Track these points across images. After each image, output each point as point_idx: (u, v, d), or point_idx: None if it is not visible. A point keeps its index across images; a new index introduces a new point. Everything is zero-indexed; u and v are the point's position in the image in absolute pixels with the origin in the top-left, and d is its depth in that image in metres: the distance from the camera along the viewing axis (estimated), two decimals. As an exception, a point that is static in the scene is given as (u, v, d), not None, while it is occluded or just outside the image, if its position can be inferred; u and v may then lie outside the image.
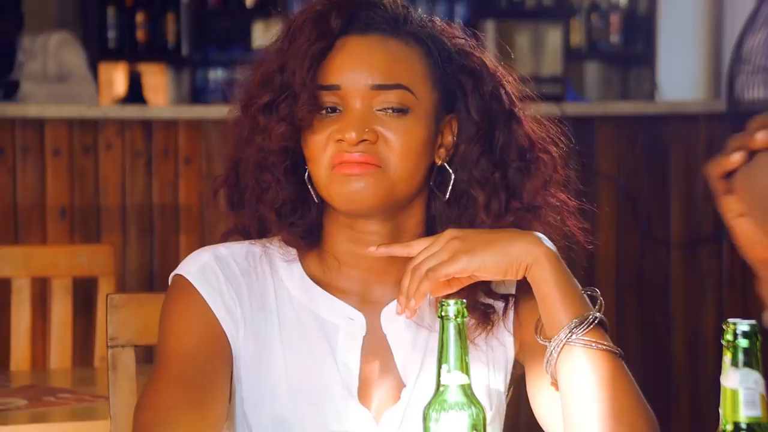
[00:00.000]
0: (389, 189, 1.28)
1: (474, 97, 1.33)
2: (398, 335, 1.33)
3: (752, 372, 0.94)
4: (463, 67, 1.34)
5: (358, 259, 1.33)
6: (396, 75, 1.29)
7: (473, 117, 1.33)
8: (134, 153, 3.53)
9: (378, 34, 1.31)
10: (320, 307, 1.33)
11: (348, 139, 1.26)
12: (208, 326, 1.30)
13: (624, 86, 5.92)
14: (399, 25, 1.32)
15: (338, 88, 1.29)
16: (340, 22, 1.31)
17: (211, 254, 1.33)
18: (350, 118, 1.28)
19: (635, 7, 5.81)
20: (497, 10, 5.69)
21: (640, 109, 3.95)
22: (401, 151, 1.28)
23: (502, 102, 1.35)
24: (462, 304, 1.08)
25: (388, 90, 1.29)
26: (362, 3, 1.33)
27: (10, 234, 3.44)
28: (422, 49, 1.32)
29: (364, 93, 1.29)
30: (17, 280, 2.50)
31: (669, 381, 3.77)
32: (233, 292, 1.32)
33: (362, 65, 1.29)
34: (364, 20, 1.32)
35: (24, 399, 2.13)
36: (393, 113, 1.28)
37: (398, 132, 1.28)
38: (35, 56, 3.83)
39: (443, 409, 1.07)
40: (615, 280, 3.76)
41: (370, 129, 1.27)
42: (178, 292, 1.32)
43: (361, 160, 1.27)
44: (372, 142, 1.27)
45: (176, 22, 5.49)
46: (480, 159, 1.32)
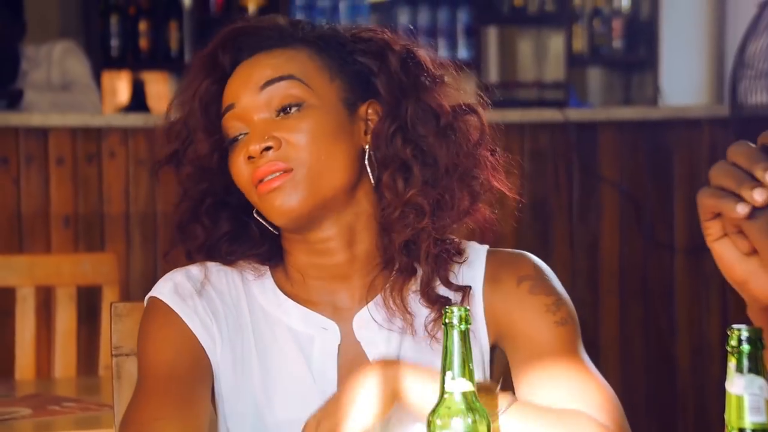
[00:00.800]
0: (312, 188, 1.29)
1: (381, 77, 1.35)
2: (372, 340, 1.34)
3: (757, 378, 0.93)
4: (363, 51, 1.35)
5: (319, 269, 1.34)
6: (283, 69, 1.32)
7: (382, 95, 1.34)
8: (138, 161, 3.53)
9: (263, 52, 1.35)
10: (293, 320, 1.34)
11: (253, 152, 1.29)
12: (186, 342, 1.32)
13: (627, 91, 5.92)
14: (284, 37, 1.35)
15: (233, 107, 1.32)
16: (228, 57, 1.36)
17: (183, 274, 1.36)
18: (252, 133, 1.31)
19: (637, 13, 5.81)
20: (499, 16, 5.69)
21: (643, 115, 3.95)
22: (306, 145, 1.29)
23: (409, 72, 1.35)
24: (466, 311, 1.07)
25: (278, 82, 1.31)
26: (246, 32, 1.36)
27: (14, 243, 3.44)
28: (312, 48, 1.34)
29: (256, 99, 1.31)
30: (21, 289, 2.50)
31: (674, 386, 3.76)
32: (208, 309, 1.33)
33: (251, 77, 1.33)
34: (250, 45, 1.35)
35: (28, 408, 2.13)
36: (290, 113, 1.30)
37: (299, 129, 1.30)
38: (39, 65, 3.83)
39: (447, 416, 1.06)
40: (619, 286, 3.75)
41: (270, 136, 1.29)
42: (154, 313, 1.34)
43: (271, 169, 1.28)
44: (276, 148, 1.29)
45: (179, 30, 5.49)
46: (394, 136, 1.33)
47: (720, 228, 1.01)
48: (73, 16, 5.52)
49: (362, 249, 1.34)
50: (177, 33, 5.49)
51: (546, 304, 1.33)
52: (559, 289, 1.35)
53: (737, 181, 0.95)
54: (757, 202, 0.93)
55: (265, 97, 1.31)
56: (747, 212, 0.94)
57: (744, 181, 0.94)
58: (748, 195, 0.93)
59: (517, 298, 1.34)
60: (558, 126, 3.72)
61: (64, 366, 2.50)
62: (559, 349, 1.31)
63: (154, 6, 5.49)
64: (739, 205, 0.94)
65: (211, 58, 1.37)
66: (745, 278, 1.01)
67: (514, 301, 1.34)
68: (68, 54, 3.88)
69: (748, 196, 0.93)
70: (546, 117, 3.75)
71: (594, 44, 5.78)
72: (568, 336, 1.32)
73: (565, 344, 1.31)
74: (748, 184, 0.94)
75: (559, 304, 1.34)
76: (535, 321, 1.32)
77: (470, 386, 1.07)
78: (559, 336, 1.31)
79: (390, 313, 1.33)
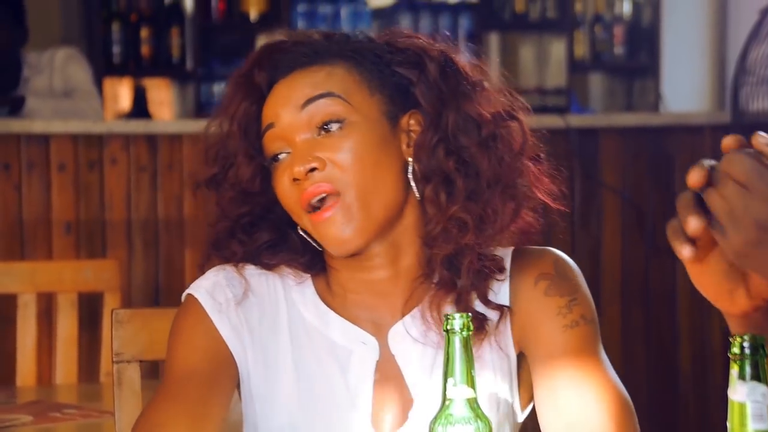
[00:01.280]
0: (365, 212, 1.27)
1: (421, 87, 1.32)
2: (407, 354, 1.32)
3: (759, 385, 0.93)
4: (401, 62, 1.33)
5: (363, 284, 1.33)
6: (322, 87, 1.30)
7: (423, 106, 1.32)
8: (139, 167, 3.53)
9: (300, 69, 1.32)
10: (333, 332, 1.32)
11: (298, 174, 1.27)
12: (212, 346, 1.30)
13: (628, 98, 5.92)
14: (320, 52, 1.33)
15: (273, 126, 1.30)
16: (264, 75, 1.33)
17: (223, 275, 1.34)
18: (294, 154, 1.29)
19: (639, 19, 5.82)
20: (501, 23, 5.69)
21: (644, 121, 3.95)
22: (352, 164, 1.27)
23: (449, 83, 1.33)
24: (467, 318, 1.07)
25: (318, 100, 1.29)
26: (280, 49, 1.34)
27: (15, 249, 3.44)
28: (349, 62, 1.32)
29: (297, 119, 1.29)
30: (23, 295, 2.50)
31: (676, 393, 3.76)
32: (242, 313, 1.32)
33: (290, 96, 1.30)
34: (287, 63, 1.33)
35: (29, 415, 2.12)
36: (331, 131, 1.28)
37: (342, 148, 1.27)
38: (42, 71, 3.83)
39: (449, 423, 1.06)
40: (620, 292, 3.75)
41: (314, 156, 1.27)
42: (187, 311, 1.33)
43: (317, 191, 1.26)
44: (321, 169, 1.27)
45: (180, 37, 5.50)
46: (437, 147, 1.30)
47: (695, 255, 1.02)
48: (75, 22, 5.52)
49: (406, 263, 1.32)
50: (179, 40, 5.50)
51: (559, 306, 1.31)
52: (576, 288, 1.33)
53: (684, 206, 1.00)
54: (690, 230, 0.98)
55: (306, 116, 1.29)
56: (689, 254, 0.99)
57: (686, 207, 0.99)
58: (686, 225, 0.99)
59: (534, 300, 1.32)
60: (559, 132, 3.72)
61: (66, 373, 2.50)
62: (571, 354, 1.29)
63: (156, 13, 5.49)
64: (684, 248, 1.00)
65: (247, 78, 1.34)
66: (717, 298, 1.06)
67: (531, 303, 1.32)
68: (70, 61, 3.88)
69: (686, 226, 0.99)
70: (547, 123, 3.75)
71: (595, 50, 5.78)
72: (581, 338, 1.30)
73: (578, 347, 1.29)
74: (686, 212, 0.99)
75: (573, 304, 1.31)
76: (547, 324, 1.30)
77: (472, 393, 1.06)
78: (571, 339, 1.29)
79: (426, 327, 1.31)
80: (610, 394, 1.28)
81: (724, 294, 1.05)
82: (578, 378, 1.28)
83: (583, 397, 1.27)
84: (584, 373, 1.28)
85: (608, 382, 1.29)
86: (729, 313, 1.07)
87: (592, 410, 1.26)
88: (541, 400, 1.29)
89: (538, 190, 1.35)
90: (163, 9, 5.51)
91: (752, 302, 1.05)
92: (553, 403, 1.28)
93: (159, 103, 5.74)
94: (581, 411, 1.26)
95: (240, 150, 1.33)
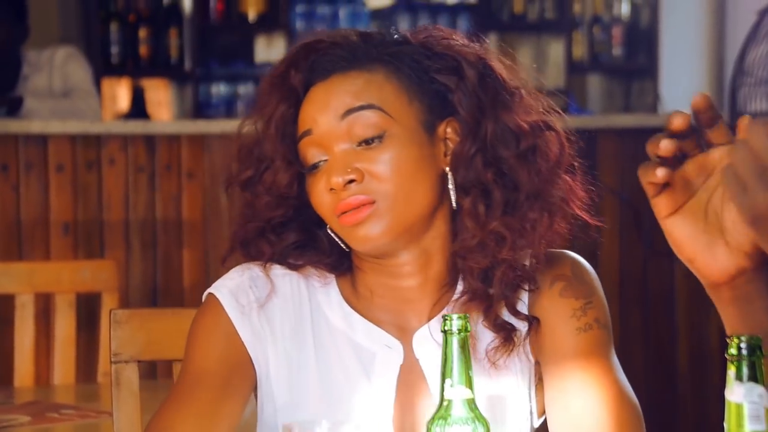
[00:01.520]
0: (396, 218, 1.26)
1: (459, 94, 1.30)
2: (430, 358, 1.30)
3: (756, 386, 0.93)
4: (439, 69, 1.31)
5: (391, 290, 1.32)
6: (363, 97, 1.27)
7: (461, 114, 1.30)
8: (137, 168, 3.53)
9: (339, 73, 1.29)
10: (357, 334, 1.31)
11: (335, 185, 1.25)
12: (230, 349, 1.29)
13: (627, 99, 5.92)
14: (358, 56, 1.30)
15: (310, 133, 1.28)
16: (301, 77, 1.30)
17: (248, 275, 1.32)
18: (332, 163, 1.27)
19: (637, 20, 5.82)
20: (499, 24, 5.69)
21: (642, 122, 3.95)
22: (390, 177, 1.26)
23: (488, 90, 1.31)
24: (465, 319, 1.07)
25: (358, 112, 1.26)
26: (317, 50, 1.31)
27: (13, 250, 3.44)
28: (388, 68, 1.29)
29: (337, 129, 1.27)
30: (21, 296, 2.50)
31: (674, 394, 3.76)
32: (264, 315, 1.30)
33: (329, 103, 1.27)
34: (324, 65, 1.30)
35: (27, 415, 2.12)
36: (371, 144, 1.26)
37: (382, 160, 1.26)
38: (41, 70, 3.83)
39: (447, 423, 1.06)
40: (619, 293, 3.75)
41: (353, 168, 1.25)
42: (207, 311, 1.31)
43: (354, 203, 1.25)
44: (359, 181, 1.25)
45: (179, 37, 5.49)
46: (474, 158, 1.29)
47: (668, 203, 1.03)
48: (73, 23, 5.52)
49: (434, 270, 1.31)
50: (177, 40, 5.49)
51: (573, 308, 1.30)
52: (592, 292, 1.32)
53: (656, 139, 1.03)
54: (662, 150, 1.02)
55: (346, 126, 1.27)
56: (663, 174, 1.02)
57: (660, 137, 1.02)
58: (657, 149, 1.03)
59: (549, 302, 1.31)
60: (558, 133, 3.71)
61: (63, 373, 2.50)
62: (582, 357, 1.28)
63: (154, 13, 5.49)
64: (659, 169, 1.03)
65: (283, 79, 1.31)
66: (694, 256, 1.04)
67: (546, 306, 1.31)
68: (70, 60, 3.88)
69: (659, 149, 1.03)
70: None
71: (594, 51, 5.78)
72: (593, 342, 1.29)
73: (590, 351, 1.28)
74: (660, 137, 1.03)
75: (587, 308, 1.30)
76: (560, 326, 1.30)
77: (470, 394, 1.06)
78: (582, 343, 1.29)
79: None
80: (620, 399, 1.27)
81: (704, 250, 1.03)
82: (589, 382, 1.27)
83: (593, 401, 1.26)
84: (595, 377, 1.28)
85: (618, 388, 1.28)
86: (713, 282, 1.05)
87: (600, 414, 1.26)
88: (551, 401, 1.29)
89: (573, 203, 1.34)
90: (161, 9, 5.51)
91: (734, 258, 1.04)
92: (562, 405, 1.28)
93: (157, 104, 5.74)
94: (590, 415, 1.26)
95: (278, 154, 1.30)
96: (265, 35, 5.74)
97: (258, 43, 5.77)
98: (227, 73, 5.60)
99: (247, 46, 5.75)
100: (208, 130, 3.58)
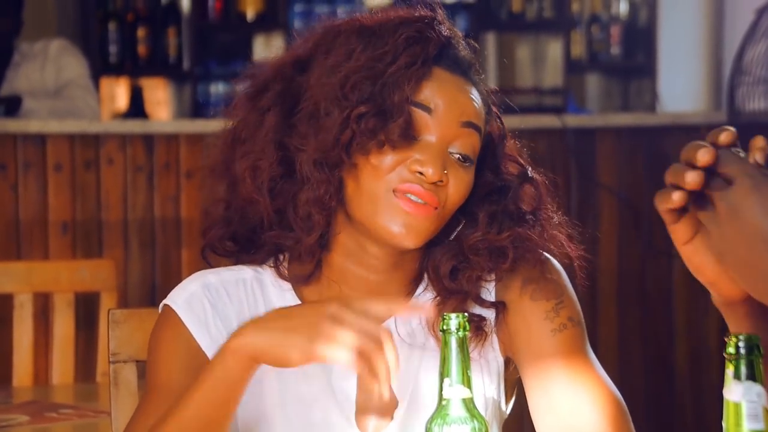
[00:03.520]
0: (435, 231, 1.28)
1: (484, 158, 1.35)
2: None
3: (755, 385, 0.93)
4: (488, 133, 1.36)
5: (359, 281, 1.32)
6: (480, 119, 1.31)
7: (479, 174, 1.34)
8: (136, 167, 3.53)
9: (461, 77, 1.31)
10: None
11: (428, 176, 1.25)
12: (192, 359, 1.29)
13: (625, 98, 5.92)
14: (470, 71, 1.33)
15: (429, 111, 1.27)
16: (436, 50, 1.29)
17: (200, 283, 1.32)
18: (433, 152, 1.26)
19: (636, 19, 5.82)
20: (498, 23, 5.69)
21: (641, 121, 3.96)
22: (458, 199, 1.29)
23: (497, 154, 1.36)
24: (464, 318, 1.07)
25: (474, 130, 1.29)
26: (446, 38, 1.32)
27: (12, 249, 3.44)
28: (482, 98, 1.33)
29: (452, 128, 1.28)
30: (19, 295, 2.50)
31: (672, 393, 3.76)
32: (220, 322, 1.31)
33: (457, 101, 1.28)
34: (452, 58, 1.31)
35: (26, 415, 2.12)
36: (462, 161, 1.28)
37: (462, 181, 1.28)
38: (34, 59, 3.81)
39: (445, 423, 1.06)
40: (617, 292, 3.75)
41: (446, 171, 1.27)
42: (165, 324, 1.32)
43: (427, 199, 1.25)
44: (444, 186, 1.27)
45: (177, 37, 5.49)
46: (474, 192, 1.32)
47: (686, 230, 1.02)
48: (71, 22, 5.52)
49: (402, 272, 1.33)
50: (175, 39, 5.49)
51: (546, 310, 1.32)
52: (562, 290, 1.33)
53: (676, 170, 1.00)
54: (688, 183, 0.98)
55: (460, 133, 1.28)
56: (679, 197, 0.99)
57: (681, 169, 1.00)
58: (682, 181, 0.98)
59: (520, 304, 1.33)
60: (556, 132, 3.72)
61: (62, 373, 2.50)
62: (560, 357, 1.30)
63: (153, 12, 5.49)
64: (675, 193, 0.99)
65: (422, 39, 1.28)
66: (716, 279, 1.03)
67: (517, 308, 1.33)
68: (64, 52, 3.86)
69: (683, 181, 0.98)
70: (544, 123, 3.75)
71: (592, 50, 5.78)
72: (570, 340, 1.31)
73: (567, 350, 1.30)
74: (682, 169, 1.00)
75: (559, 307, 1.32)
76: (535, 328, 1.31)
77: (468, 393, 1.07)
78: (558, 343, 1.30)
79: (415, 329, 1.32)
80: (604, 394, 1.29)
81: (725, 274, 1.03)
82: (571, 380, 1.29)
83: (578, 398, 1.28)
84: (576, 375, 1.29)
85: (600, 383, 1.30)
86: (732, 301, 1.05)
87: (587, 411, 1.27)
88: (535, 403, 1.30)
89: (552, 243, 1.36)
90: (159, 8, 5.51)
91: None
92: (547, 405, 1.29)
93: (156, 103, 5.73)
94: (578, 413, 1.27)
95: (402, 112, 1.25)
96: (263, 34, 5.74)
97: (256, 42, 5.76)
98: (226, 72, 5.59)
99: (245, 45, 5.75)
100: (207, 130, 3.58)
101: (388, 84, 1.26)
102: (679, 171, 0.99)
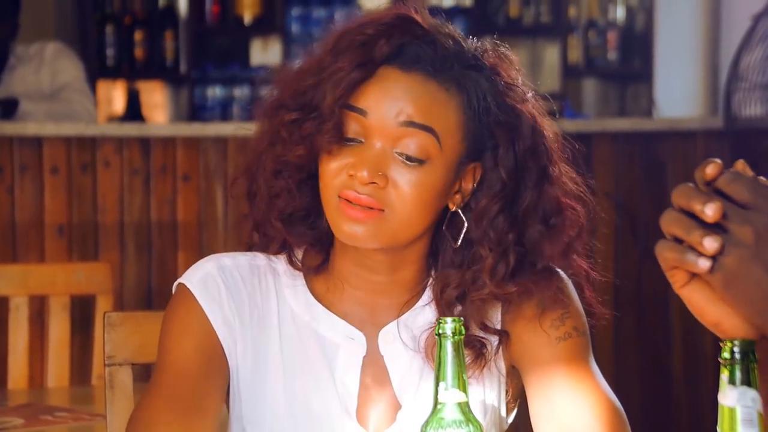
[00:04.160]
0: (392, 234, 1.26)
1: (506, 153, 1.27)
2: (395, 357, 1.32)
3: (749, 390, 0.93)
4: (499, 122, 1.28)
5: (362, 281, 1.32)
6: (429, 118, 1.24)
7: (500, 173, 1.27)
8: (132, 170, 3.53)
9: (421, 73, 1.25)
10: (321, 325, 1.32)
11: (359, 178, 1.23)
12: (204, 338, 1.29)
13: (622, 103, 5.93)
14: (445, 68, 1.26)
15: (364, 114, 1.24)
16: (386, 51, 1.25)
17: (215, 264, 1.32)
18: (367, 155, 1.24)
19: (632, 25, 5.82)
20: (495, 28, 5.69)
21: (637, 126, 3.96)
22: (410, 200, 1.24)
23: (538, 160, 1.29)
24: (459, 322, 1.07)
25: (417, 129, 1.23)
26: (415, 35, 1.27)
27: (8, 252, 3.44)
28: (461, 98, 1.26)
29: (389, 129, 1.24)
30: (15, 298, 2.49)
31: (668, 398, 3.76)
32: (234, 304, 1.31)
33: (397, 100, 1.24)
34: (411, 56, 1.26)
35: (21, 418, 2.12)
36: (410, 163, 1.24)
37: (410, 182, 1.24)
38: (29, 63, 3.81)
39: (441, 426, 1.06)
40: (613, 297, 3.75)
41: (383, 173, 1.24)
42: (179, 302, 1.32)
43: (366, 203, 1.23)
44: (382, 187, 1.24)
45: (174, 40, 5.49)
46: (498, 216, 1.28)
47: (684, 275, 1.00)
48: (68, 25, 5.52)
49: (404, 275, 1.32)
50: (172, 43, 5.49)
51: (552, 319, 1.32)
52: (568, 301, 1.33)
53: (685, 229, 0.94)
54: (709, 251, 0.93)
55: (400, 133, 1.24)
56: (709, 266, 0.94)
57: (692, 229, 0.94)
58: (700, 246, 0.93)
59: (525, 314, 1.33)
60: (553, 137, 3.72)
61: (57, 375, 2.49)
62: (564, 365, 1.30)
63: (150, 16, 5.49)
64: (701, 260, 0.94)
65: (370, 42, 1.25)
66: (719, 320, 1.01)
67: (522, 316, 1.32)
68: (60, 56, 3.86)
69: (701, 247, 0.93)
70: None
71: (589, 56, 5.79)
72: (574, 350, 1.31)
73: (570, 359, 1.30)
74: (697, 233, 0.93)
75: (566, 317, 1.32)
76: (540, 336, 1.31)
77: (463, 397, 1.07)
78: (562, 351, 1.30)
79: (417, 335, 1.31)
80: (604, 403, 1.29)
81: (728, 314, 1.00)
82: (573, 388, 1.29)
83: (579, 406, 1.28)
84: (578, 384, 1.29)
85: (602, 393, 1.30)
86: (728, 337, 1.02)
87: (587, 419, 1.27)
88: (537, 411, 1.30)
89: (587, 291, 1.36)
90: (157, 12, 5.51)
91: None
92: (549, 413, 1.29)
93: (152, 106, 5.74)
94: (577, 420, 1.27)
95: (333, 117, 1.24)
96: (260, 38, 5.74)
97: (253, 46, 5.77)
98: (223, 75, 5.60)
99: (242, 49, 5.75)
100: (204, 133, 3.58)
101: (321, 89, 1.26)
102: (684, 224, 0.95)
